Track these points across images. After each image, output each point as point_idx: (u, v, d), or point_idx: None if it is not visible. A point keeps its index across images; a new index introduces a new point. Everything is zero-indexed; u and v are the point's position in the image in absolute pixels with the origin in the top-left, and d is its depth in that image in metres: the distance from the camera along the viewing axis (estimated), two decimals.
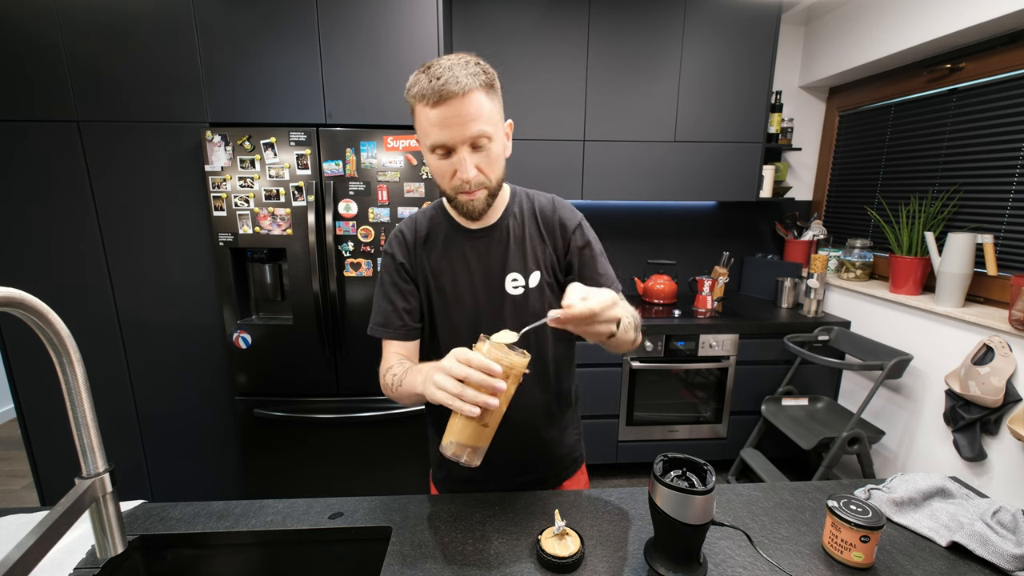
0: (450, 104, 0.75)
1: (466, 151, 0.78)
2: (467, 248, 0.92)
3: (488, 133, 0.79)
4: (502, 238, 0.92)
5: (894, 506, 0.91)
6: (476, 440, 0.67)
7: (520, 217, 0.94)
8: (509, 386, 0.66)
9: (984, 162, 1.84)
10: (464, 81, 0.75)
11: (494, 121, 0.80)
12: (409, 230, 0.95)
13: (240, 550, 0.89)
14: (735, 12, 2.20)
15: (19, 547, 0.45)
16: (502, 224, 0.92)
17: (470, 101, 0.75)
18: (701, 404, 2.39)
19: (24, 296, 0.48)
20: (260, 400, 1.91)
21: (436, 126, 0.77)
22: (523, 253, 0.92)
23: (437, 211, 0.96)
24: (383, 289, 0.96)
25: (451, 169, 0.80)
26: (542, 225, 0.94)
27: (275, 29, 1.71)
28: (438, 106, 0.75)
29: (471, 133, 0.77)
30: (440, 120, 0.76)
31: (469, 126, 0.76)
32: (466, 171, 0.79)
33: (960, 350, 1.74)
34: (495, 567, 0.78)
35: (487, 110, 0.78)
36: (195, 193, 1.80)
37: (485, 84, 0.78)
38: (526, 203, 0.95)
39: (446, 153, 0.80)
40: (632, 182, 2.35)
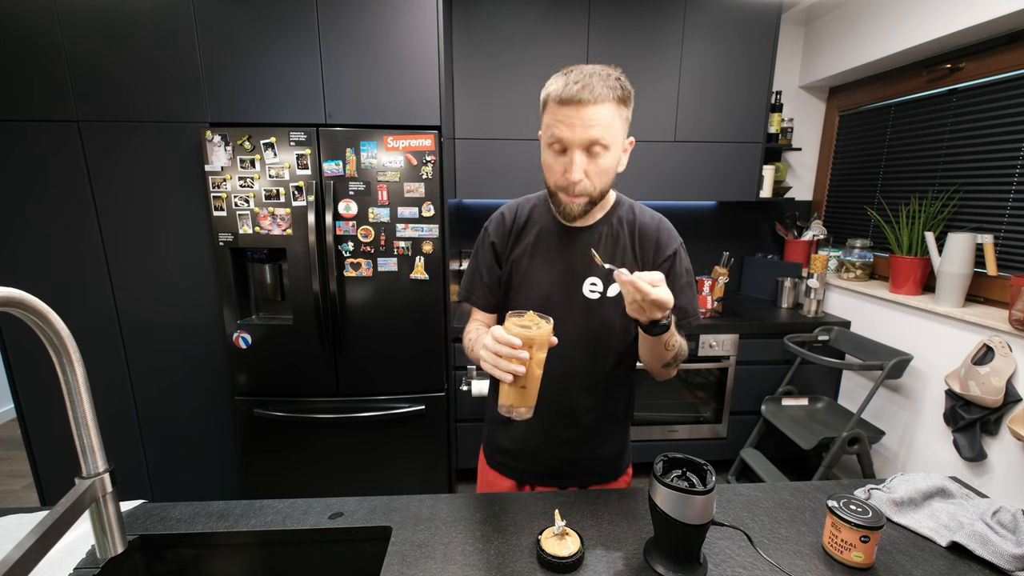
0: (578, 107, 0.79)
1: (579, 154, 0.82)
2: (558, 243, 0.95)
3: (605, 142, 0.82)
4: (593, 240, 0.94)
5: (894, 506, 0.91)
6: (520, 400, 0.77)
7: (619, 226, 0.96)
8: (537, 352, 0.74)
9: (984, 162, 1.84)
10: (598, 91, 0.79)
11: (614, 134, 0.83)
12: (510, 213, 1.00)
13: (240, 550, 0.89)
14: (735, 12, 2.20)
15: (19, 547, 0.45)
16: (598, 228, 0.95)
17: (598, 110, 0.80)
18: (701, 404, 2.39)
19: (24, 296, 0.48)
20: (260, 400, 1.91)
21: (560, 122, 0.82)
22: (611, 256, 0.94)
23: (541, 201, 1.00)
24: (474, 260, 1.03)
25: (562, 167, 0.85)
26: (638, 241, 0.95)
27: (275, 29, 1.71)
28: (567, 106, 0.80)
29: (588, 136, 0.81)
30: (565, 117, 0.81)
31: (588, 130, 0.80)
32: (574, 172, 0.83)
33: (960, 350, 1.74)
34: (495, 567, 0.78)
35: (611, 122, 0.82)
36: (195, 193, 1.80)
37: (618, 98, 0.82)
38: (628, 215, 0.97)
39: (562, 150, 0.84)
40: (632, 182, 2.35)
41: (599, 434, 1.01)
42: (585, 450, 1.01)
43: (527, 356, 0.72)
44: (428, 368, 1.94)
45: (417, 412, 1.94)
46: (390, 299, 1.85)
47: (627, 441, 1.08)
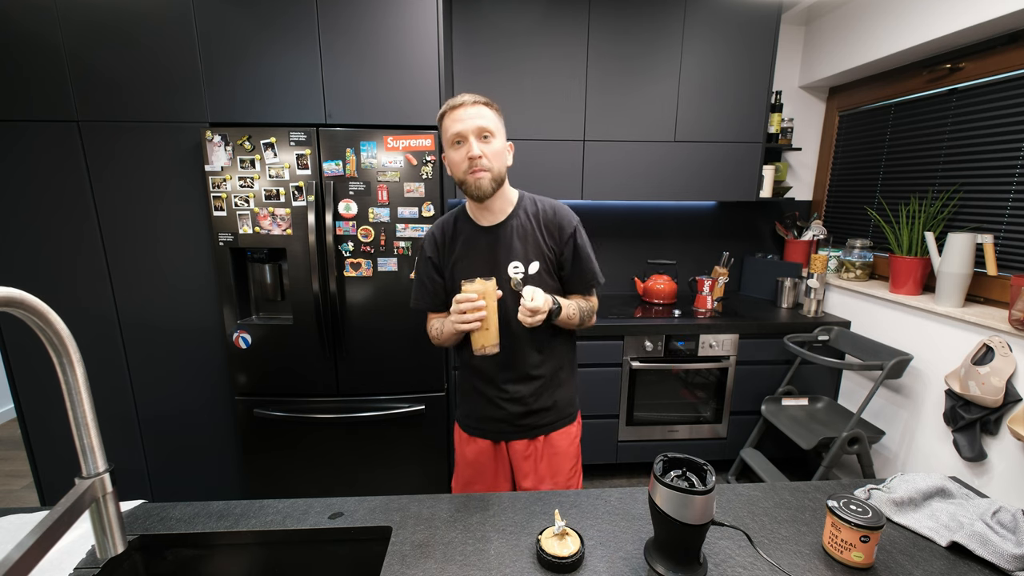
0: (464, 107, 1.07)
1: (474, 139, 1.07)
2: (481, 241, 1.17)
3: (491, 130, 1.09)
4: (508, 233, 1.17)
5: (894, 506, 0.91)
6: (487, 339, 1.04)
7: (525, 218, 1.18)
8: (489, 301, 1.03)
9: (984, 162, 1.84)
10: (477, 98, 1.09)
11: (496, 126, 1.10)
12: (439, 231, 1.23)
13: (240, 550, 0.89)
14: (735, 12, 2.20)
15: (19, 547, 0.45)
16: (509, 223, 1.17)
17: (479, 108, 1.08)
18: (701, 404, 2.39)
19: (24, 296, 0.48)
20: (260, 400, 1.91)
21: (456, 121, 1.07)
22: (525, 247, 1.16)
23: (460, 214, 1.22)
24: (419, 275, 1.25)
25: (464, 153, 1.08)
26: (543, 226, 1.18)
27: (275, 29, 1.71)
28: (456, 109, 1.08)
29: (478, 124, 1.07)
30: (459, 117, 1.07)
31: (476, 120, 1.07)
32: (474, 148, 1.06)
33: (960, 350, 1.74)
34: (495, 567, 0.78)
35: (492, 119, 1.10)
36: (195, 193, 1.80)
37: (491, 104, 1.10)
38: (531, 207, 1.20)
39: (460, 143, 1.08)
40: (632, 182, 2.35)
41: (552, 383, 1.23)
42: (543, 398, 1.22)
43: (484, 304, 1.01)
44: (428, 368, 1.94)
45: (417, 412, 1.94)
46: (390, 299, 1.85)
47: (575, 388, 1.30)
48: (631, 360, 2.23)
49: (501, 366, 1.19)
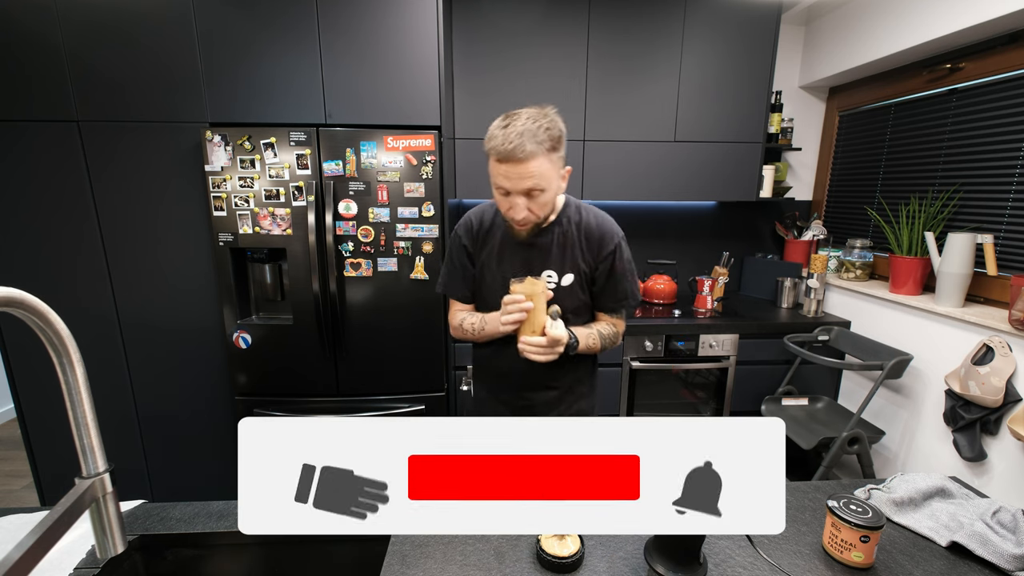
0: (513, 165, 0.95)
1: (520, 198, 0.99)
2: (518, 243, 1.12)
3: (541, 187, 0.98)
4: (548, 242, 1.11)
5: (894, 506, 0.91)
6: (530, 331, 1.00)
7: (568, 227, 1.12)
8: (539, 300, 0.99)
9: (984, 162, 1.84)
10: (529, 149, 0.94)
11: (548, 178, 0.99)
12: (477, 218, 1.16)
13: (240, 550, 0.89)
14: (735, 12, 2.20)
15: (19, 547, 0.45)
16: (552, 229, 1.11)
17: (531, 165, 0.95)
18: (701, 404, 2.39)
19: (24, 296, 0.48)
20: (260, 400, 1.91)
21: (501, 176, 0.98)
22: (563, 257, 1.11)
23: (498, 213, 1.14)
24: (451, 259, 1.20)
25: (507, 205, 1.01)
26: (584, 240, 1.12)
27: (275, 29, 1.71)
28: (504, 163, 0.96)
29: (526, 187, 0.97)
30: (505, 173, 0.97)
31: (526, 182, 0.96)
32: (517, 213, 1.00)
33: (960, 350, 1.74)
34: (495, 567, 0.78)
35: (544, 170, 0.97)
36: (195, 193, 1.80)
37: (549, 149, 0.97)
38: (575, 216, 1.13)
39: (506, 193, 1.00)
40: (632, 182, 2.35)
41: (571, 394, 1.21)
42: (560, 409, 1.20)
43: (532, 305, 0.98)
44: (428, 368, 1.94)
45: (417, 412, 1.94)
46: (390, 299, 1.85)
47: (594, 402, 1.29)
48: (631, 360, 2.23)
49: (522, 373, 1.14)
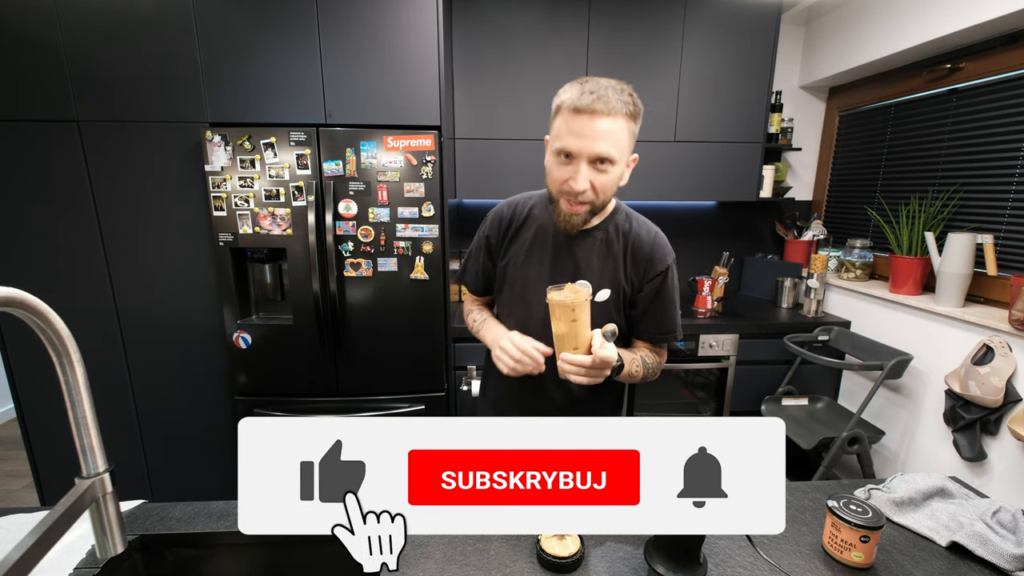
0: (591, 117, 0.80)
1: (586, 165, 0.83)
2: (554, 244, 0.97)
3: (613, 157, 0.83)
4: (588, 245, 0.96)
5: (894, 506, 0.91)
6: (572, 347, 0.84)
7: (614, 235, 0.97)
8: (582, 313, 0.81)
9: (984, 162, 1.84)
10: (613, 104, 0.80)
11: (622, 149, 0.85)
12: (509, 209, 1.02)
13: (240, 550, 0.89)
14: (735, 12, 2.20)
15: (19, 547, 0.45)
16: (594, 233, 0.96)
17: (610, 122, 0.80)
18: (701, 404, 2.39)
19: (24, 296, 0.48)
20: (260, 400, 1.91)
21: (571, 133, 0.82)
22: (602, 268, 0.96)
23: (540, 202, 1.01)
24: (473, 250, 1.09)
25: (567, 175, 0.85)
26: (631, 254, 0.97)
27: (275, 29, 1.71)
28: (580, 115, 0.80)
29: (597, 150, 0.81)
30: (577, 127, 0.81)
31: (599, 143, 0.81)
32: (579, 182, 0.84)
33: (960, 350, 1.74)
34: (495, 567, 0.78)
35: (621, 136, 0.83)
36: (195, 193, 1.80)
37: (630, 114, 0.83)
38: (624, 224, 0.98)
39: (569, 159, 0.84)
40: (632, 182, 2.33)
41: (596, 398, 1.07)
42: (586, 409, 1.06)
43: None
44: (428, 368, 1.94)
45: (417, 412, 1.94)
46: (390, 299, 1.85)
47: None
48: None
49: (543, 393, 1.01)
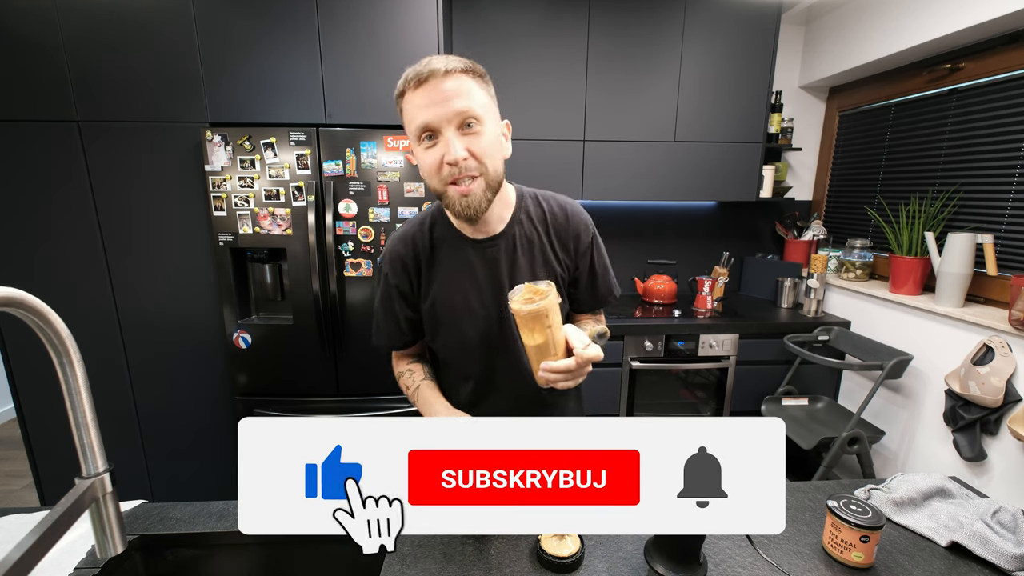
0: (432, 82, 0.73)
1: (452, 131, 0.75)
2: (473, 259, 0.88)
3: (476, 114, 0.75)
4: (509, 247, 0.88)
5: (894, 506, 0.91)
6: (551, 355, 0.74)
7: (529, 225, 0.90)
8: (554, 314, 0.71)
9: (984, 162, 1.84)
10: (448, 63, 0.74)
11: (484, 105, 0.78)
12: (407, 249, 0.90)
13: (240, 550, 0.89)
14: (735, 12, 2.20)
15: (19, 547, 0.45)
16: (509, 232, 0.89)
17: (454, 79, 0.74)
18: (701, 404, 2.39)
19: (24, 296, 0.48)
20: (260, 400, 1.91)
21: (421, 106, 0.74)
22: (532, 264, 0.89)
23: (438, 220, 0.90)
24: (384, 304, 0.94)
25: (439, 155, 0.76)
26: (554, 235, 0.91)
27: (275, 29, 1.71)
28: (421, 86, 0.74)
29: (456, 108, 0.74)
30: (425, 98, 0.74)
31: (453, 102, 0.74)
32: (453, 150, 0.74)
33: (960, 350, 1.74)
34: (495, 567, 0.78)
35: (474, 93, 0.76)
36: (195, 193, 1.80)
37: (470, 69, 0.77)
38: (534, 209, 0.91)
39: (432, 139, 0.76)
40: (632, 182, 2.35)
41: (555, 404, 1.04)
42: None
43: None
44: None
45: (416, 412, 1.94)
46: None
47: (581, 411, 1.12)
48: (631, 360, 2.23)
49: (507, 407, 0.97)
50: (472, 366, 0.95)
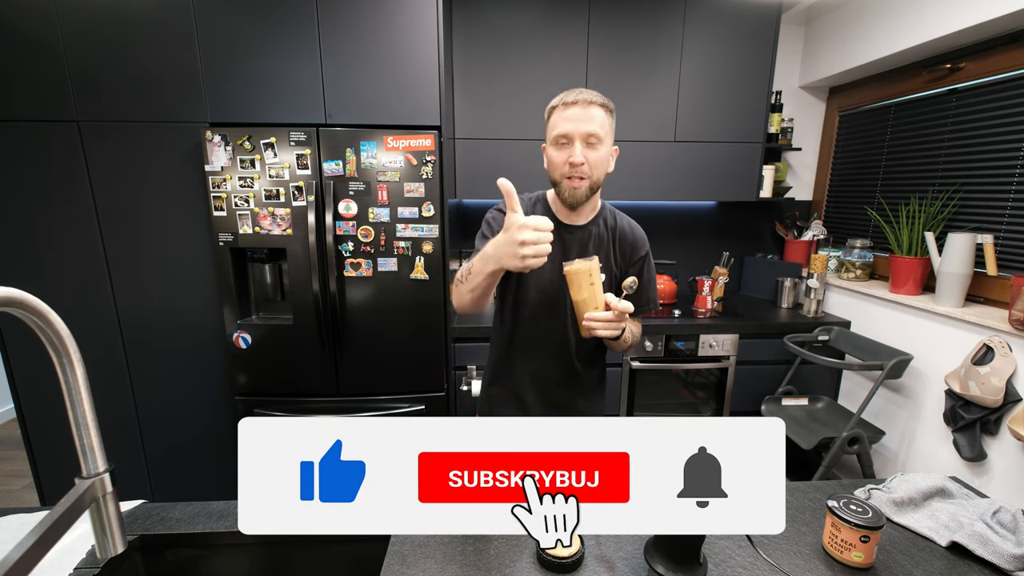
0: (579, 106, 1.02)
1: (580, 143, 1.02)
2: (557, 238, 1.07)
3: (600, 136, 1.03)
4: (584, 238, 1.15)
5: (894, 506, 0.91)
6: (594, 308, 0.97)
7: (604, 229, 1.17)
8: (596, 275, 0.96)
9: (984, 162, 1.84)
10: (593, 97, 1.03)
11: (606, 132, 1.04)
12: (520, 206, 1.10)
13: (240, 550, 0.89)
14: (735, 12, 2.20)
15: (19, 547, 0.45)
16: (590, 227, 1.16)
17: (594, 109, 1.02)
18: (701, 404, 2.39)
19: (24, 296, 0.48)
20: (260, 400, 1.91)
21: (565, 120, 1.02)
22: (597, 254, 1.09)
23: (540, 203, 1.18)
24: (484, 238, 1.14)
25: (566, 156, 1.03)
26: (618, 243, 1.18)
27: (275, 29, 1.71)
28: (570, 107, 1.02)
29: (588, 129, 1.01)
30: (569, 116, 1.02)
31: (588, 124, 1.01)
32: (577, 156, 1.02)
33: (960, 350, 1.74)
34: (495, 567, 0.78)
35: (603, 123, 1.03)
36: (195, 193, 1.80)
37: (606, 106, 1.04)
38: (610, 219, 1.20)
39: (565, 143, 1.03)
40: (632, 182, 2.35)
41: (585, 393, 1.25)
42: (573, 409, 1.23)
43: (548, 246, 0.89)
44: (428, 368, 1.94)
45: (417, 412, 1.94)
46: (390, 299, 1.85)
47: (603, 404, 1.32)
48: (631, 360, 2.23)
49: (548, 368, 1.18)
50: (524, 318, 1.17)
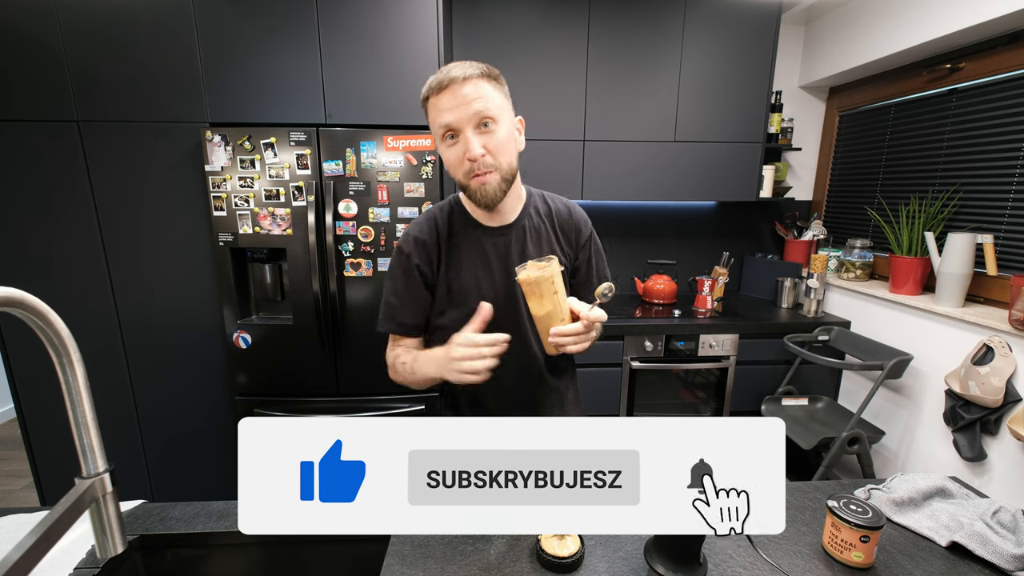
0: (452, 88, 0.83)
1: (471, 131, 0.84)
2: (487, 245, 0.96)
3: (491, 114, 0.84)
4: (520, 236, 0.98)
5: (894, 506, 0.91)
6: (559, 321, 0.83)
7: (537, 219, 1.00)
8: (557, 281, 0.82)
9: (984, 162, 1.84)
10: (465, 70, 0.84)
11: (499, 105, 0.86)
12: (429, 230, 0.97)
13: (240, 550, 0.89)
14: (735, 12, 2.20)
15: (19, 547, 0.45)
16: (520, 223, 0.98)
17: (471, 84, 0.83)
18: (701, 404, 2.39)
19: (24, 296, 0.48)
20: (260, 400, 1.91)
21: (442, 111, 0.84)
22: (539, 251, 0.98)
23: (455, 208, 0.99)
24: (394, 285, 0.99)
25: (461, 152, 0.85)
26: (559, 228, 1.02)
27: (275, 29, 1.71)
28: (442, 92, 0.84)
29: (473, 110, 0.83)
30: (445, 104, 0.84)
31: (471, 105, 0.83)
32: (472, 148, 0.83)
33: (960, 350, 1.74)
34: (495, 567, 0.78)
35: (491, 96, 0.85)
36: (195, 193, 1.80)
37: (485, 74, 0.86)
38: (542, 205, 1.02)
39: (454, 138, 0.86)
40: (632, 182, 2.35)
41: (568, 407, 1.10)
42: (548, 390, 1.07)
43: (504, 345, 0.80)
44: None
45: (417, 412, 1.94)
46: None
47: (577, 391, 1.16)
48: (631, 360, 2.23)
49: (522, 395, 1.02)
50: None
